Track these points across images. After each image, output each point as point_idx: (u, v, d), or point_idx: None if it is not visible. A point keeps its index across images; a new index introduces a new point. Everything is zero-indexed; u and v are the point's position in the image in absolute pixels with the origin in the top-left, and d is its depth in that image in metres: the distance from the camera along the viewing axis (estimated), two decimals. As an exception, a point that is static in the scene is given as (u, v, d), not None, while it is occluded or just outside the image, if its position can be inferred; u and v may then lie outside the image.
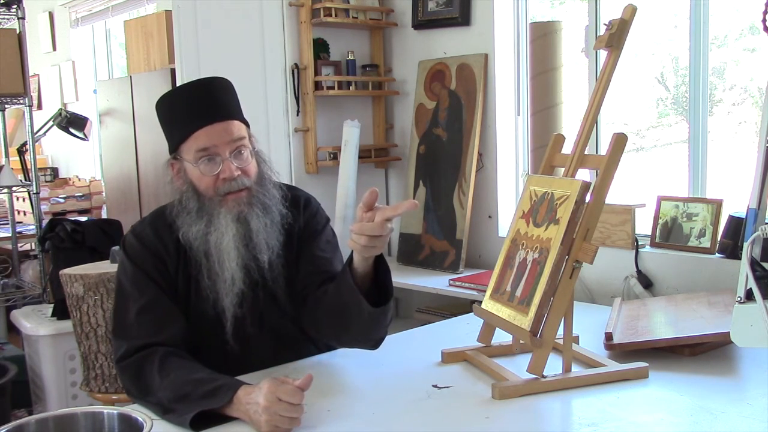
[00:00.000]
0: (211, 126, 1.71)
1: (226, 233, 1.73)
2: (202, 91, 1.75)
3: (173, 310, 1.75)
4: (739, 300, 1.50)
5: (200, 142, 1.71)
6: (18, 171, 4.25)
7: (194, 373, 1.60)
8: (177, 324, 1.74)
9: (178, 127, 1.75)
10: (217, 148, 1.71)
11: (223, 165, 1.72)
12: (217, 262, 1.74)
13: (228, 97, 1.79)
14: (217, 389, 1.53)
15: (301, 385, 1.46)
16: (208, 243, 1.74)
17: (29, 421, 1.33)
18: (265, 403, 1.44)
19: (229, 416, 1.52)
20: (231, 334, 1.76)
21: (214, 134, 1.71)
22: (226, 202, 1.74)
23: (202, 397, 1.52)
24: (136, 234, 1.82)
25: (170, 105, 1.78)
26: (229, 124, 1.73)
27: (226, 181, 1.72)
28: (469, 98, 3.32)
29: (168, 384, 1.58)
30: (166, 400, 1.56)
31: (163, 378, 1.60)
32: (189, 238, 1.75)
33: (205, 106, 1.73)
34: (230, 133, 1.72)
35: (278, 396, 1.44)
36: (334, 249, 1.93)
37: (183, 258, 1.79)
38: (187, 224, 1.75)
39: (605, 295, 2.73)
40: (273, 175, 1.85)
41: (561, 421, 1.60)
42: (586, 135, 1.85)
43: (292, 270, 1.85)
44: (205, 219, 1.74)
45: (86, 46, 5.77)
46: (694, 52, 2.70)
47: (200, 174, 1.73)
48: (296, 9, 3.45)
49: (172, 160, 1.79)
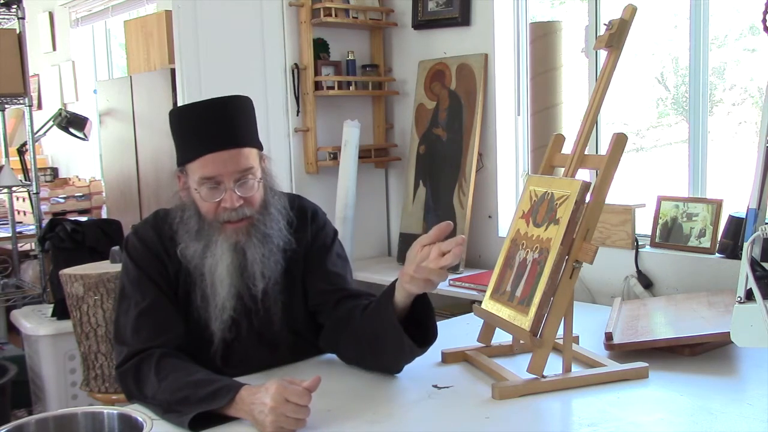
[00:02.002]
0: (218, 153, 1.67)
1: (221, 261, 1.72)
2: (217, 113, 1.70)
3: (173, 313, 1.75)
4: (739, 300, 1.50)
5: (206, 169, 1.68)
6: (18, 171, 4.25)
7: (192, 375, 1.60)
8: (177, 328, 1.73)
9: (187, 146, 1.72)
10: (222, 177, 1.68)
11: (225, 194, 1.69)
12: (210, 286, 1.74)
13: (242, 120, 1.73)
14: (217, 391, 1.52)
15: (308, 387, 1.46)
16: (204, 266, 1.74)
17: (29, 421, 1.32)
18: (272, 403, 1.43)
19: (228, 417, 1.52)
20: (220, 357, 1.76)
21: (220, 163, 1.67)
22: (225, 230, 1.73)
23: (201, 399, 1.52)
24: (139, 235, 1.81)
25: (183, 121, 1.74)
26: (239, 152, 1.69)
27: (226, 210, 1.70)
28: (469, 98, 3.32)
29: (166, 386, 1.58)
30: (165, 402, 1.56)
31: (160, 381, 1.60)
32: (187, 256, 1.75)
33: (216, 131, 1.68)
34: (237, 163, 1.69)
35: (286, 397, 1.43)
36: (345, 263, 1.92)
37: (183, 265, 1.78)
38: (186, 242, 1.74)
39: (605, 295, 2.73)
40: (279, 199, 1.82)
41: (561, 421, 1.60)
42: (586, 135, 1.85)
43: (293, 295, 1.84)
44: (203, 242, 1.73)
45: (86, 46, 5.77)
46: (694, 52, 2.70)
47: (202, 198, 1.71)
48: (296, 9, 3.45)
49: (179, 172, 1.77)
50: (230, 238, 1.72)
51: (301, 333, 1.86)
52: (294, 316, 1.84)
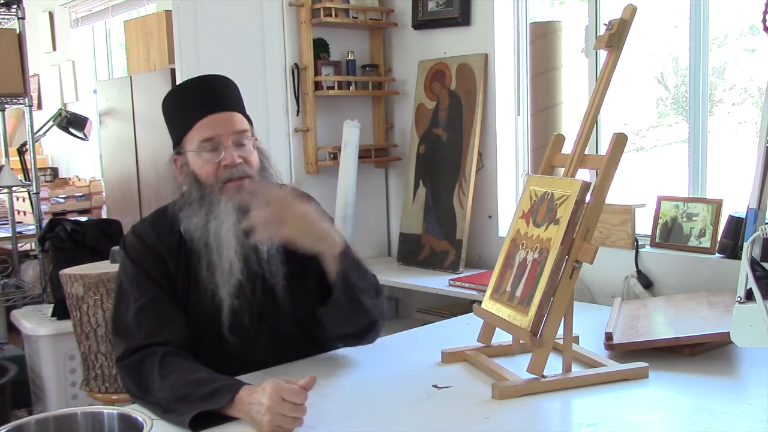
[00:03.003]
0: (214, 115, 1.75)
1: (226, 221, 1.73)
2: (207, 84, 1.80)
3: (173, 309, 1.75)
4: (739, 300, 1.50)
5: (204, 131, 1.74)
6: (18, 171, 4.25)
7: (194, 374, 1.60)
8: (177, 324, 1.74)
9: (181, 118, 1.78)
10: (220, 137, 1.74)
11: (225, 152, 1.73)
12: (216, 251, 1.74)
13: (231, 92, 1.83)
14: (217, 390, 1.52)
15: (304, 385, 1.46)
16: (208, 232, 1.74)
17: (29, 421, 1.32)
18: (268, 403, 1.44)
19: (228, 416, 1.52)
20: (228, 327, 1.75)
21: (217, 123, 1.74)
22: (227, 189, 1.74)
23: (202, 398, 1.52)
24: (137, 233, 1.82)
25: (174, 99, 1.82)
26: (233, 115, 1.78)
27: (227, 168, 1.73)
28: (469, 98, 3.32)
29: (167, 384, 1.58)
30: (165, 401, 1.56)
31: (162, 378, 1.60)
32: (189, 230, 1.76)
33: (210, 97, 1.77)
34: (233, 123, 1.76)
35: (282, 396, 1.44)
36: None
37: (183, 257, 1.79)
38: (188, 216, 1.76)
39: (605, 295, 2.73)
40: (275, 174, 1.85)
41: (561, 421, 1.60)
42: (586, 135, 1.85)
43: (293, 267, 1.83)
44: (206, 207, 1.75)
45: (86, 46, 5.76)
46: (694, 52, 2.70)
47: (202, 162, 1.74)
48: (296, 9, 3.45)
49: (176, 155, 1.80)
50: (233, 198, 1.73)
51: (302, 321, 1.85)
52: (294, 286, 1.83)
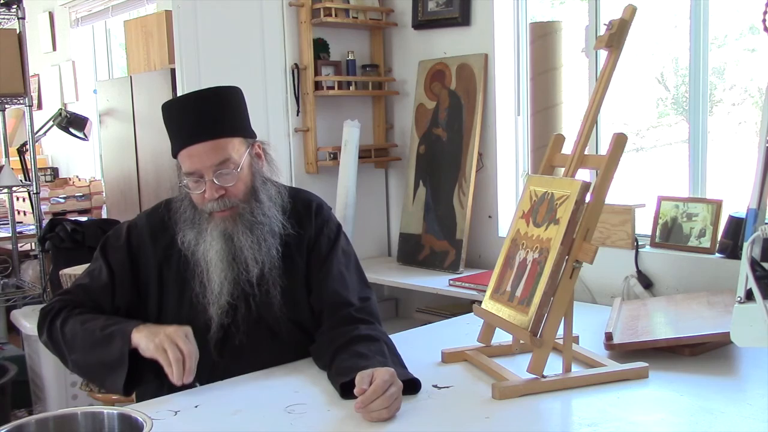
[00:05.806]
0: (194, 147, 1.72)
1: (212, 248, 1.76)
2: (195, 106, 1.74)
3: (108, 298, 1.82)
4: (739, 300, 1.50)
5: (185, 163, 1.75)
6: (18, 171, 4.25)
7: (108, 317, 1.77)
8: (104, 306, 1.82)
9: (172, 139, 1.79)
10: (201, 171, 1.73)
11: (206, 187, 1.73)
12: (206, 272, 1.78)
13: (223, 110, 1.75)
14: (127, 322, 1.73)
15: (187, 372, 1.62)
16: (198, 253, 1.78)
17: (29, 421, 1.32)
18: (166, 332, 1.64)
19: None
20: (215, 345, 1.78)
21: (195, 157, 1.72)
22: (214, 218, 1.77)
23: (117, 323, 1.73)
24: (129, 227, 1.88)
25: (168, 119, 1.81)
26: (214, 144, 1.72)
27: (210, 200, 1.75)
28: (469, 98, 3.32)
29: (81, 320, 1.74)
30: (79, 335, 1.73)
31: (79, 319, 1.76)
32: (185, 244, 1.79)
33: (191, 125, 1.73)
34: (211, 156, 1.71)
35: (175, 340, 1.62)
36: (349, 260, 1.92)
37: (176, 260, 1.82)
38: (182, 231, 1.79)
39: (605, 295, 2.73)
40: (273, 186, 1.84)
41: (561, 421, 1.60)
42: (586, 135, 1.85)
43: (293, 281, 1.84)
44: (196, 230, 1.78)
45: (86, 46, 5.77)
46: (694, 52, 2.70)
47: (190, 190, 1.77)
48: (296, 9, 3.45)
49: (179, 162, 1.81)
50: (218, 226, 1.76)
51: (301, 323, 1.85)
52: (295, 300, 1.83)
